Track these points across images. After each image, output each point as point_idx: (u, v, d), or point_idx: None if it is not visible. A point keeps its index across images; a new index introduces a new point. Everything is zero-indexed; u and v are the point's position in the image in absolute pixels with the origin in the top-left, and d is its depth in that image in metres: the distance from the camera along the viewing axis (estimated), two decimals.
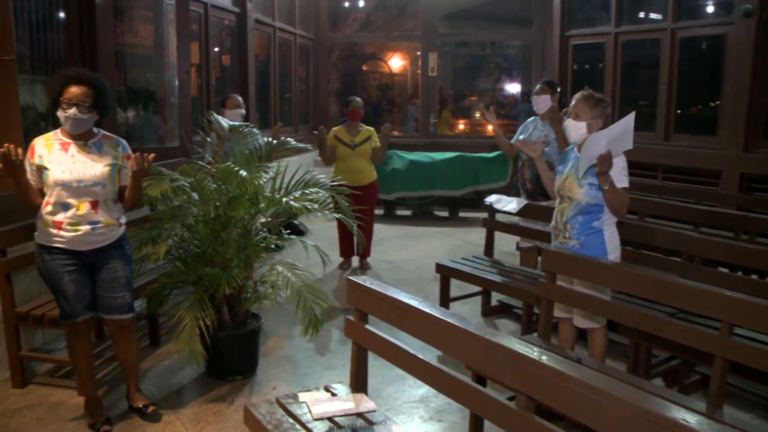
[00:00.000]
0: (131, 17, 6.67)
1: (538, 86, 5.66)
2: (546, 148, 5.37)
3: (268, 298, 4.40)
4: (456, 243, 8.35)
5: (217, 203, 4.22)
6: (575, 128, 3.84)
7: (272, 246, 4.53)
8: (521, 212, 5.38)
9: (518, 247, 6.05)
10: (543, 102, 5.54)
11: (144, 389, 4.07)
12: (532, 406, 2.20)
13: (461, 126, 12.45)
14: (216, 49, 8.15)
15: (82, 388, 3.92)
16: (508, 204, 5.46)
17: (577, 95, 3.89)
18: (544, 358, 2.13)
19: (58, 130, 3.63)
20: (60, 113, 3.51)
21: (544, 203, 5.33)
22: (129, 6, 6.46)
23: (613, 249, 3.87)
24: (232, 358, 4.39)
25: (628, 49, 8.94)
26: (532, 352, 2.18)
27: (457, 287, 5.66)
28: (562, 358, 2.18)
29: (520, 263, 5.89)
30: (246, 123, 5.11)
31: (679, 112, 8.30)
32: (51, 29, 5.45)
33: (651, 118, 8.48)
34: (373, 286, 2.91)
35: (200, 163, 4.51)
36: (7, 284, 4.18)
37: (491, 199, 5.70)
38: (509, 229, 5.71)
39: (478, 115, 12.44)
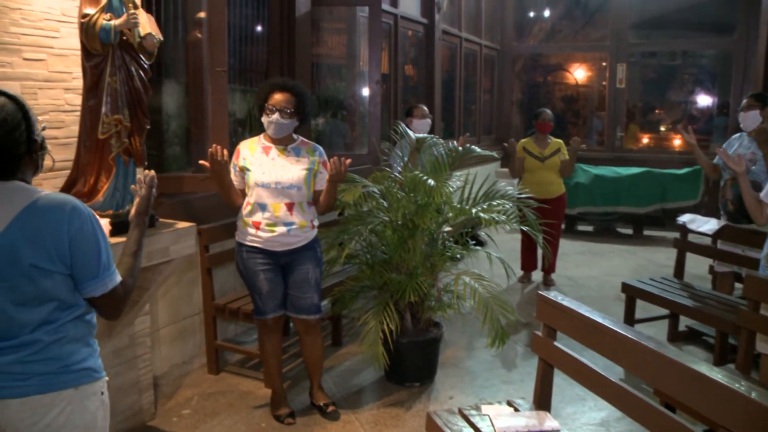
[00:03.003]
0: (324, 29, 6.97)
1: (745, 101, 5.29)
2: (753, 167, 5.01)
3: (452, 308, 4.43)
4: (640, 262, 8.00)
5: (406, 211, 4.31)
6: None
7: (457, 256, 4.55)
8: (719, 234, 5.06)
9: (711, 271, 5.70)
10: (751, 118, 5.16)
11: (325, 387, 4.22)
12: None
13: (645, 140, 11.91)
14: (402, 60, 8.33)
15: (269, 380, 4.13)
16: (703, 224, 5.15)
17: None
18: (754, 394, 1.99)
19: (262, 135, 3.84)
20: (264, 118, 3.73)
21: (747, 226, 4.95)
22: (322, 18, 6.75)
23: None
24: (412, 365, 4.45)
25: None
26: (740, 386, 2.04)
27: (640, 309, 5.41)
28: None
29: (713, 288, 5.53)
30: (431, 134, 5.18)
31: None
32: (254, 42, 5.83)
33: None
34: (564, 303, 2.85)
35: (389, 170, 4.62)
36: (209, 278, 4.49)
37: (685, 218, 5.40)
38: (704, 251, 5.37)
39: (663, 128, 11.85)
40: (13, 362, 1.91)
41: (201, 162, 3.70)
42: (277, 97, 3.71)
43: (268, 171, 3.72)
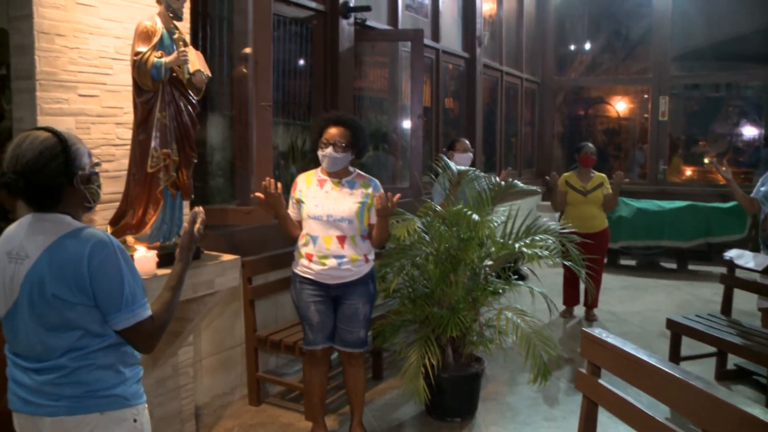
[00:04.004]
0: (366, 62, 7.06)
1: None
2: None
3: (494, 343, 4.40)
4: (685, 298, 7.85)
5: (448, 245, 4.31)
6: None
7: (499, 290, 4.53)
8: (767, 270, 4.95)
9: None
10: None
11: (365, 421, 4.19)
12: None
13: (688, 172, 11.74)
14: (443, 93, 8.38)
15: (310, 412, 4.13)
16: (751, 260, 5.05)
17: None
18: None
19: (319, 168, 3.89)
20: (319, 152, 3.78)
21: None
22: (364, 52, 6.84)
23: None
24: (453, 400, 4.41)
25: None
26: None
27: (686, 346, 5.29)
28: None
29: (762, 325, 5.40)
30: (472, 168, 5.18)
31: None
32: (297, 76, 5.93)
33: None
34: (609, 340, 2.81)
35: (431, 202, 4.63)
36: (251, 310, 4.53)
37: (732, 253, 5.30)
38: (752, 287, 5.24)
39: (706, 161, 11.68)
40: (46, 383, 2.03)
41: (256, 194, 3.76)
42: (332, 131, 3.76)
43: (321, 204, 3.76)
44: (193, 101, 3.47)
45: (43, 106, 3.09)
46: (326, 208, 3.74)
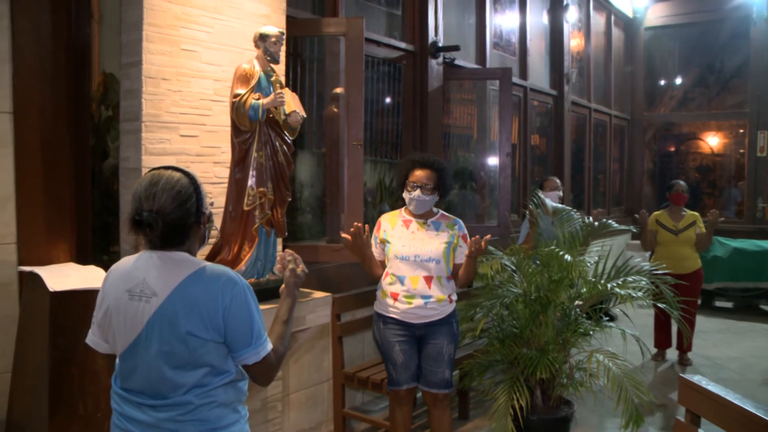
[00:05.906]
0: (453, 100, 7.10)
1: None
2: None
3: (585, 386, 4.30)
4: None
5: (538, 285, 4.26)
6: None
7: (590, 332, 4.44)
8: None
9: None
10: None
11: None
12: None
13: None
14: (530, 131, 8.35)
15: None
16: None
17: None
18: None
19: (403, 209, 3.93)
20: (405, 194, 3.82)
21: None
22: (451, 89, 6.88)
23: None
24: None
25: None
26: None
27: None
28: None
29: None
30: (566, 207, 5.12)
31: None
32: (386, 115, 6.03)
33: None
34: (710, 387, 2.70)
35: (523, 246, 4.60)
36: (339, 346, 4.56)
37: None
38: None
39: None
40: (167, 419, 2.04)
41: (343, 235, 3.83)
42: (418, 173, 3.79)
43: (408, 244, 3.78)
44: (288, 141, 3.58)
45: (148, 146, 3.24)
46: (414, 248, 3.76)
